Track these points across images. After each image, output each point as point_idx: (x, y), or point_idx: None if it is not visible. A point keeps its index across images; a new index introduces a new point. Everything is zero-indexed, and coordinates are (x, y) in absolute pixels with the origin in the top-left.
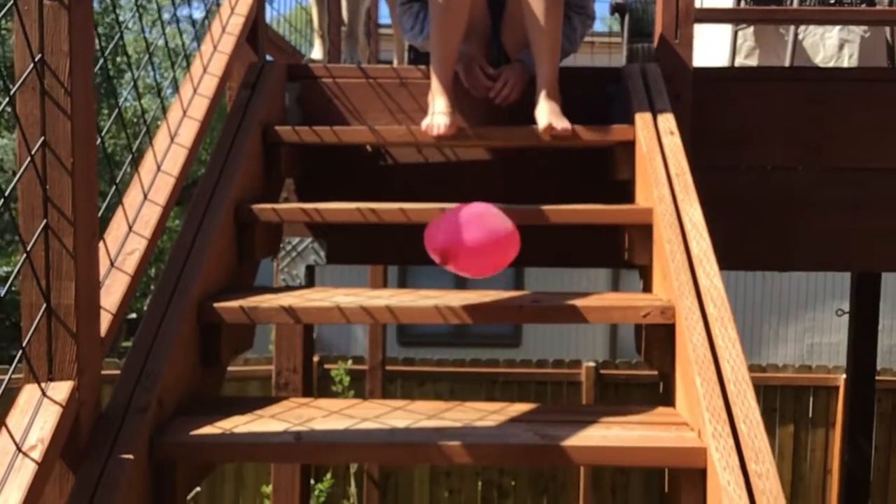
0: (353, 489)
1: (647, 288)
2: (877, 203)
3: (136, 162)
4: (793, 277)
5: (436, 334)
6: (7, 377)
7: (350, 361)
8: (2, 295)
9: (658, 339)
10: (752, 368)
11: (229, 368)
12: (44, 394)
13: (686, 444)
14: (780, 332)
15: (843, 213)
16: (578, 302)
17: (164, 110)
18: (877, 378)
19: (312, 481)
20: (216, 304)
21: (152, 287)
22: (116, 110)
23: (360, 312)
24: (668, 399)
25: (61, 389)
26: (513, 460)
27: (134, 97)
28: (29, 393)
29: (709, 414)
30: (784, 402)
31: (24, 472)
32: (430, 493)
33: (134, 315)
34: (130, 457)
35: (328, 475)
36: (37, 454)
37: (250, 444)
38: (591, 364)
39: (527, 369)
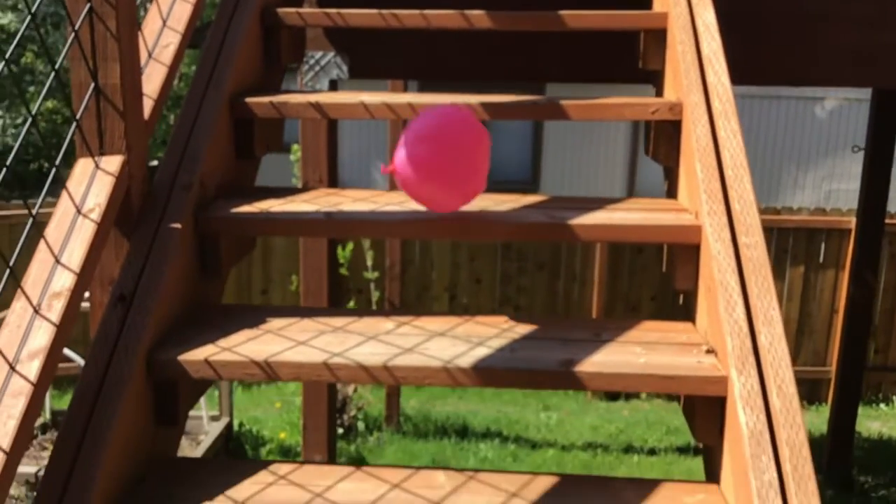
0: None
1: (659, 94)
2: (893, 19)
3: None
4: (814, 124)
5: None
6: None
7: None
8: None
9: (665, 134)
10: (766, 211)
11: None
12: (97, 166)
13: (683, 223)
14: (798, 179)
15: (860, 27)
16: (594, 101)
17: None
18: (886, 221)
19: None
20: (248, 100)
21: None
22: None
23: (384, 108)
24: (672, 194)
25: (113, 162)
26: (524, 236)
27: None
28: (83, 165)
29: (706, 195)
30: (796, 244)
31: (85, 231)
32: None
33: (155, 162)
34: (178, 226)
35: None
36: (95, 216)
37: (286, 220)
38: None
39: None
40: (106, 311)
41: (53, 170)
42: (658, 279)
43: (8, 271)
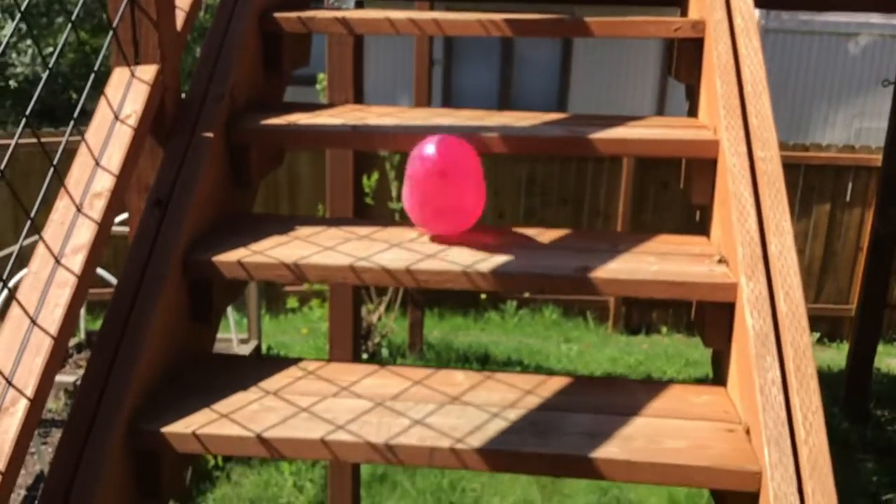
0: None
1: (684, 16)
2: None
3: None
4: (847, 60)
5: (482, 96)
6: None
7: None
8: None
9: (688, 53)
10: (794, 147)
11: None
12: (133, 75)
13: (701, 137)
14: (828, 116)
15: None
16: (617, 19)
17: None
18: None
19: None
20: (276, 14)
21: None
22: None
23: (409, 24)
24: (693, 112)
25: (147, 72)
26: (544, 149)
27: None
28: (119, 74)
29: (724, 111)
30: (823, 181)
31: (122, 136)
32: None
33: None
34: (211, 135)
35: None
36: (131, 122)
37: (313, 132)
38: None
39: None
40: (144, 215)
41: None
42: (682, 215)
43: (39, 199)
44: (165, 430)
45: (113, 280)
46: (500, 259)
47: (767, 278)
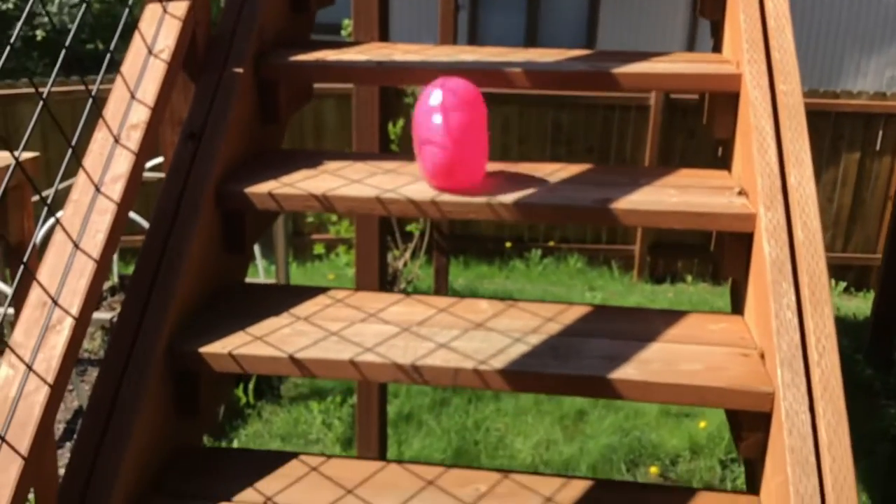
0: None
1: None
2: None
3: None
4: (880, 7)
5: (508, 41)
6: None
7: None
8: None
9: None
10: (824, 95)
11: None
12: (165, 10)
13: (724, 71)
14: (860, 64)
15: None
16: None
17: None
18: None
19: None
20: None
21: None
22: None
23: None
24: (717, 49)
25: (179, 7)
26: (567, 83)
27: None
28: (152, 10)
29: (747, 45)
30: (854, 129)
31: (156, 70)
32: None
33: None
34: (241, 70)
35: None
36: (165, 56)
37: (341, 67)
38: None
39: (596, 92)
40: (178, 148)
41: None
42: (709, 164)
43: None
44: (203, 350)
45: (145, 224)
46: (523, 192)
47: (786, 208)
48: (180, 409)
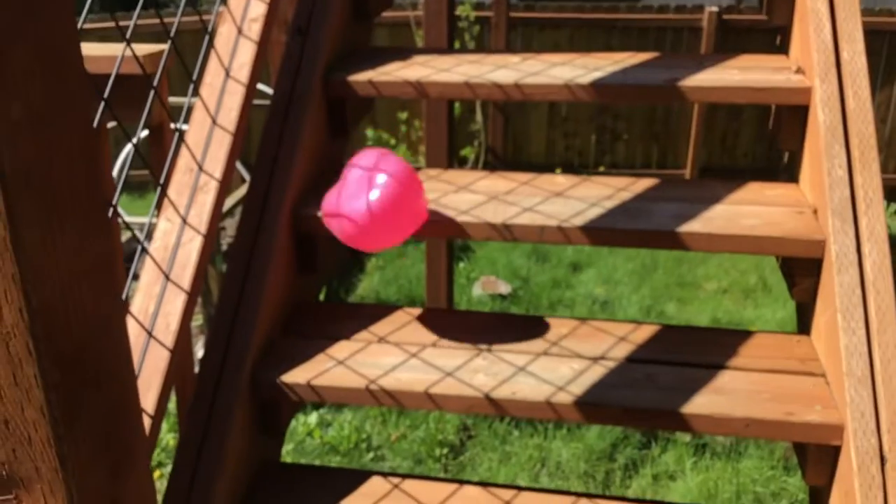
0: (479, 117)
1: None
2: None
3: None
4: None
5: None
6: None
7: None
8: None
9: None
10: (880, 13)
11: None
12: None
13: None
14: None
15: None
16: None
17: None
18: None
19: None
20: None
21: None
22: None
23: None
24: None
25: None
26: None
27: None
28: None
29: None
30: None
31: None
32: (547, 135)
33: None
34: None
35: (457, 104)
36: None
37: None
38: (714, 9)
39: (647, 15)
40: (287, 43)
41: None
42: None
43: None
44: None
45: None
46: (596, 75)
47: (839, 80)
48: (301, 267)
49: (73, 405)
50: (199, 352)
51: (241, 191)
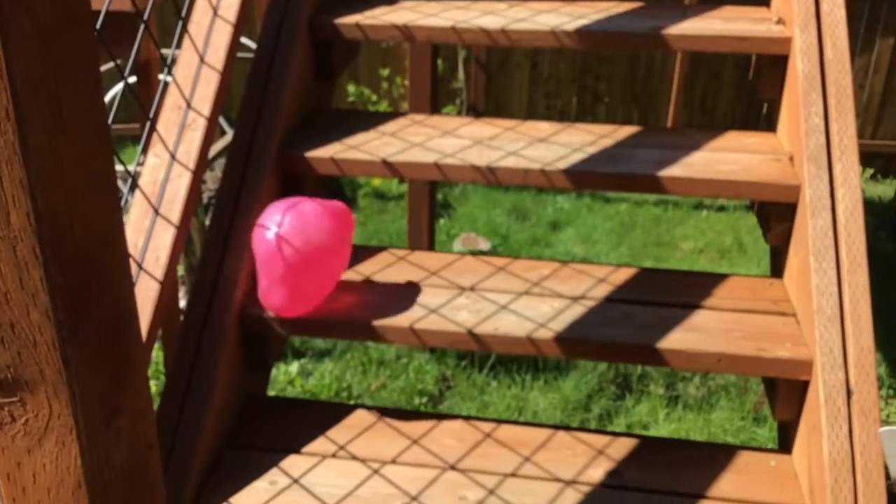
0: (461, 75)
1: None
2: None
3: None
4: None
5: None
6: None
7: None
8: None
9: None
10: None
11: None
12: None
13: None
14: None
15: None
16: None
17: None
18: None
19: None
20: None
21: None
22: None
23: None
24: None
25: None
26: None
27: None
28: None
29: None
30: (890, 14)
31: None
32: (529, 95)
33: None
34: None
35: (440, 61)
36: None
37: None
38: None
39: None
40: None
41: None
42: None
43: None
44: (308, 154)
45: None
46: (581, 21)
47: (818, 31)
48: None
49: (77, 310)
50: (181, 302)
51: (221, 143)
